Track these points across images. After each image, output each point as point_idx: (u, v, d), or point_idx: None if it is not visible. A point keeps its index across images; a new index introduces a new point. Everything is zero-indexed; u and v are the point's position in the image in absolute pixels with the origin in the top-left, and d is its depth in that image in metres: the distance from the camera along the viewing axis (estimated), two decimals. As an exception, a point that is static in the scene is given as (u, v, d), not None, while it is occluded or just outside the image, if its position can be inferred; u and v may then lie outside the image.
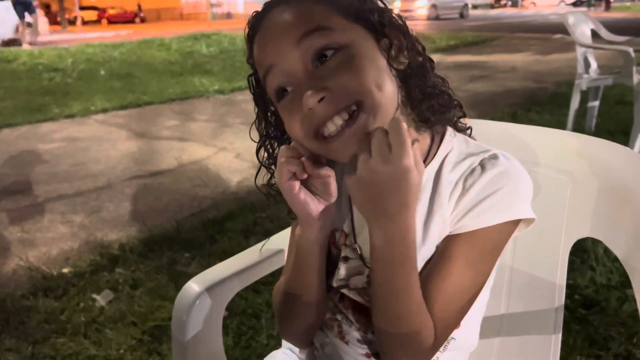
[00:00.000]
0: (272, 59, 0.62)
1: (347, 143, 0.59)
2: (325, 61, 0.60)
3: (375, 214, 0.58)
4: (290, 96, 0.62)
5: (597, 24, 3.65)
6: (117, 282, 2.07)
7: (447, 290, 0.63)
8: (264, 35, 0.63)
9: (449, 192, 0.65)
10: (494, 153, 0.66)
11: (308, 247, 0.67)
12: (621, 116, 4.08)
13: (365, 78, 0.59)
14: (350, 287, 0.70)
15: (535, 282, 0.82)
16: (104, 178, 3.34)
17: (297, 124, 0.61)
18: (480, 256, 0.64)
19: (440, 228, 0.65)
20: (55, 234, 2.56)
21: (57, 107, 5.48)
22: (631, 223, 0.70)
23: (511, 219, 0.63)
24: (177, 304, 0.83)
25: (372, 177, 0.56)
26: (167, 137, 4.38)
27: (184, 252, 2.28)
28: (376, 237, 0.60)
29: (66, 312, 1.89)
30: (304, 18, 0.61)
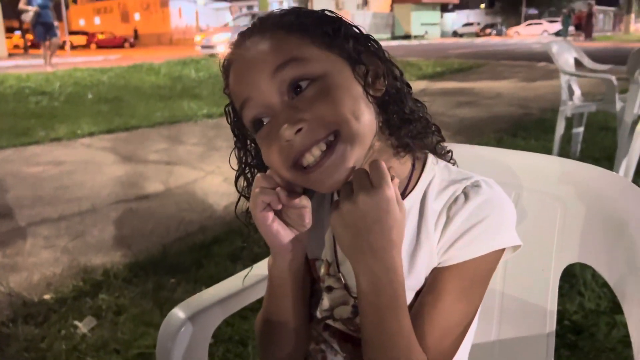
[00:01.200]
0: (248, 92, 0.62)
1: (326, 173, 0.59)
2: (300, 92, 0.60)
3: (360, 252, 0.57)
4: (267, 127, 0.62)
5: (580, 52, 3.74)
6: (100, 308, 2.02)
7: (440, 324, 0.62)
8: (239, 67, 0.63)
9: (434, 221, 0.64)
10: (476, 180, 0.66)
11: (281, 277, 0.66)
12: (605, 142, 4.15)
13: (341, 108, 0.59)
14: (335, 318, 0.68)
15: (526, 308, 0.81)
16: (88, 202, 3.30)
17: (275, 154, 0.61)
18: (471, 287, 0.64)
19: (428, 259, 0.64)
20: (38, 259, 2.51)
21: (43, 130, 5.43)
22: (621, 248, 0.70)
23: (498, 248, 0.63)
24: (162, 331, 0.81)
25: (355, 211, 0.56)
26: (154, 161, 4.35)
27: (169, 277, 2.24)
28: (363, 280, 0.58)
29: (47, 339, 1.84)
30: (277, 49, 0.60)
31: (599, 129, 4.63)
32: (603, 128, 4.64)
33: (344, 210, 0.57)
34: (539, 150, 3.35)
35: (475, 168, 0.86)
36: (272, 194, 0.62)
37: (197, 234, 2.73)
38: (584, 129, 3.85)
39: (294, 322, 0.69)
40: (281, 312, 0.68)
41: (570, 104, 3.53)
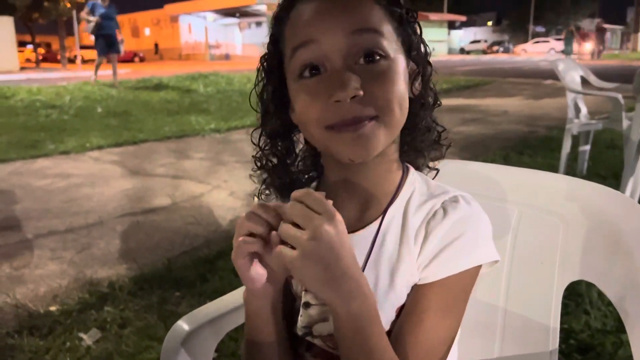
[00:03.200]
0: (316, 35, 0.59)
1: (359, 140, 0.59)
2: (369, 62, 0.59)
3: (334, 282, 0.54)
4: (318, 79, 0.59)
5: (586, 70, 3.75)
6: (105, 321, 2.02)
7: (424, 344, 0.61)
8: (315, 7, 0.60)
9: (414, 235, 0.64)
10: (454, 196, 0.66)
11: (257, 311, 0.65)
12: (612, 160, 4.13)
13: (395, 95, 0.60)
14: (314, 335, 0.67)
15: (529, 325, 0.81)
16: (95, 215, 3.32)
17: (316, 108, 0.59)
18: (452, 303, 0.64)
19: (409, 273, 0.64)
20: (44, 271, 2.52)
21: (52, 143, 5.49)
22: (623, 266, 0.71)
23: (478, 263, 0.63)
24: (166, 343, 0.82)
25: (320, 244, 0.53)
26: (161, 175, 4.38)
27: (174, 291, 2.24)
28: (338, 311, 0.56)
29: (51, 351, 1.84)
30: (364, 13, 0.59)
31: (605, 147, 4.62)
32: (610, 146, 4.63)
33: (308, 250, 0.53)
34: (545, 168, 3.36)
35: (479, 185, 0.87)
36: (255, 242, 0.59)
37: (202, 248, 2.74)
38: (590, 147, 3.84)
39: (276, 347, 0.67)
40: (262, 339, 0.67)
41: (576, 121, 3.53)
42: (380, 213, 0.67)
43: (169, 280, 2.34)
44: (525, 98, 9.56)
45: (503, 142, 5.42)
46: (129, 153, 5.25)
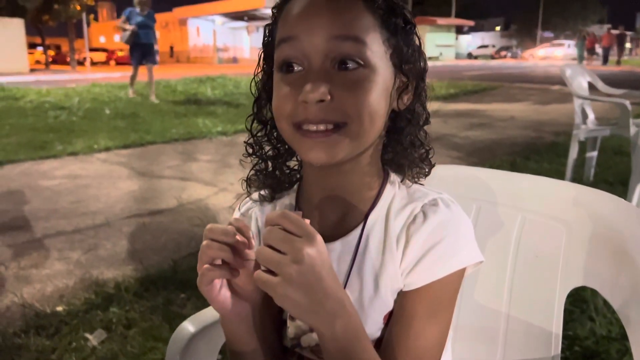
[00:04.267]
0: (299, 33, 0.59)
1: (318, 147, 0.59)
2: (344, 68, 0.58)
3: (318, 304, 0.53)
4: (295, 76, 0.59)
5: (593, 76, 3.74)
6: (110, 321, 2.04)
7: (415, 349, 0.61)
8: (305, 4, 0.60)
9: (396, 240, 0.64)
10: (434, 199, 0.65)
11: (234, 333, 0.64)
12: (620, 167, 4.11)
13: (365, 107, 0.58)
14: (303, 346, 0.66)
15: (531, 331, 0.82)
16: (102, 216, 3.34)
17: (288, 105, 0.60)
18: (440, 307, 0.63)
19: (392, 278, 0.63)
20: (51, 271, 2.54)
21: (60, 145, 5.53)
22: (626, 273, 0.71)
23: (462, 266, 0.63)
24: (171, 344, 0.83)
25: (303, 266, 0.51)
26: (168, 177, 4.41)
27: (179, 293, 2.25)
28: (325, 335, 0.55)
29: (57, 351, 1.85)
30: (349, 18, 0.58)
31: (613, 153, 4.60)
32: (617, 152, 4.61)
33: (291, 274, 0.51)
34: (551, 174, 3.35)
35: (481, 190, 0.88)
36: (220, 270, 0.58)
37: (208, 250, 2.74)
38: (597, 153, 3.83)
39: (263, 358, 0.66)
40: (247, 355, 0.66)
41: (583, 127, 3.52)
42: (362, 219, 0.66)
43: (175, 282, 2.35)
44: (532, 103, 9.54)
45: (510, 147, 5.41)
46: (136, 155, 5.28)
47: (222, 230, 0.58)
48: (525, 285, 0.83)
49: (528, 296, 0.83)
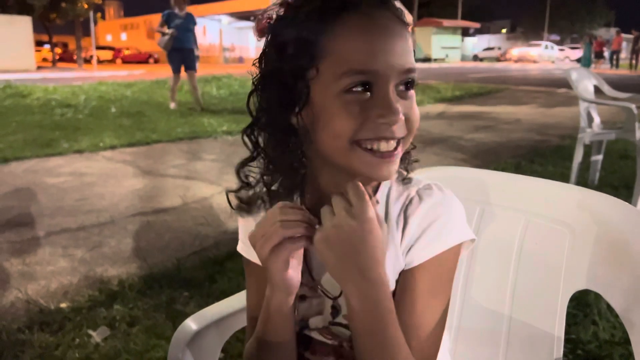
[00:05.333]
0: (378, 67, 0.61)
1: (387, 165, 0.64)
2: (405, 91, 0.65)
3: (347, 273, 0.59)
4: (365, 97, 0.62)
5: (599, 80, 3.73)
6: (114, 318, 2.04)
7: (419, 325, 0.65)
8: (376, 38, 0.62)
9: (395, 222, 0.68)
10: (427, 184, 0.71)
11: (281, 307, 0.67)
12: (625, 170, 4.10)
13: (418, 120, 0.67)
14: (311, 328, 0.71)
15: (533, 333, 0.82)
16: (107, 214, 3.36)
17: (356, 123, 0.62)
18: (439, 283, 0.67)
19: (394, 259, 0.67)
20: (56, 268, 2.56)
21: (66, 142, 5.56)
22: (629, 277, 0.71)
23: (456, 243, 0.67)
24: (174, 341, 0.83)
25: (339, 232, 0.57)
26: (173, 175, 4.42)
27: (183, 291, 2.26)
28: (353, 300, 0.60)
29: (61, 347, 1.86)
30: (409, 51, 0.65)
31: (619, 157, 4.59)
32: (623, 156, 4.59)
33: (329, 234, 0.58)
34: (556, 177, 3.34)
35: (484, 192, 0.88)
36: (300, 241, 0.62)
37: (212, 249, 2.76)
38: (603, 157, 3.82)
39: (290, 345, 0.70)
40: (279, 337, 0.69)
41: (589, 131, 3.51)
42: None
43: (178, 280, 2.36)
44: (538, 106, 9.51)
45: (514, 150, 5.40)
46: (141, 153, 5.30)
47: (294, 211, 0.63)
48: (528, 288, 0.83)
49: (531, 299, 0.83)
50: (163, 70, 21.99)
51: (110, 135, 5.98)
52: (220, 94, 10.58)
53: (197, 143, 5.87)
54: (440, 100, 10.41)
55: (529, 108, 9.27)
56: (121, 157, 5.09)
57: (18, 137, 5.83)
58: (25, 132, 6.19)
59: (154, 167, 4.70)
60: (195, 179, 4.28)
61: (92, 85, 11.83)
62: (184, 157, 5.12)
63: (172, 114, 7.87)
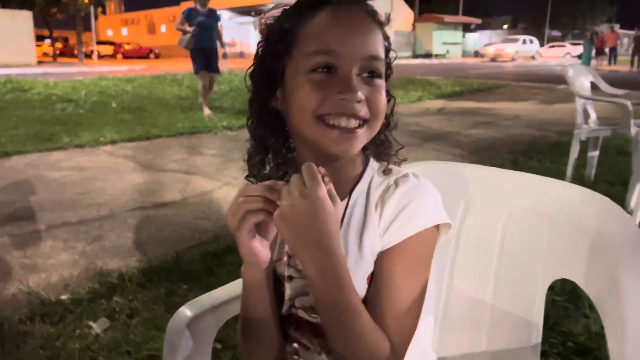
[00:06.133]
0: (340, 49, 0.69)
1: (346, 140, 0.70)
2: (371, 77, 0.72)
3: (304, 244, 0.64)
4: (329, 76, 0.69)
5: (596, 76, 3.75)
6: (114, 310, 2.08)
7: (395, 303, 0.69)
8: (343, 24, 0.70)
9: (374, 206, 0.73)
10: (405, 173, 0.76)
11: (254, 279, 0.73)
12: (622, 166, 4.12)
13: (383, 109, 0.74)
14: (297, 307, 0.75)
15: (514, 321, 0.85)
16: (108, 208, 3.39)
17: (318, 98, 0.69)
18: (414, 263, 0.71)
19: (372, 240, 0.72)
20: (57, 261, 2.59)
21: (67, 137, 5.59)
22: (603, 266, 0.74)
23: (429, 225, 0.71)
24: (170, 327, 0.87)
25: (293, 211, 0.63)
26: (173, 170, 4.45)
27: (182, 284, 2.29)
28: (308, 269, 0.65)
29: (62, 338, 1.90)
30: (375, 42, 0.72)
31: (616, 153, 4.61)
32: (620, 152, 4.62)
33: (285, 212, 0.63)
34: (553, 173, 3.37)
35: (468, 186, 0.91)
36: (259, 214, 0.67)
37: (211, 243, 2.79)
38: (599, 152, 3.84)
39: (270, 321, 0.75)
40: (257, 312, 0.75)
41: (585, 127, 3.53)
42: (348, 193, 0.77)
43: (177, 273, 2.39)
44: (537, 102, 9.53)
45: (513, 146, 5.43)
46: (142, 148, 5.33)
47: (255, 188, 0.69)
48: (509, 277, 0.87)
49: (512, 287, 0.86)
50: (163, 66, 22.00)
51: (111, 130, 6.01)
52: (221, 89, 10.59)
53: (197, 138, 5.90)
54: (440, 96, 10.43)
55: (528, 104, 9.29)
56: (122, 152, 5.12)
57: (19, 132, 5.86)
58: (27, 126, 6.22)
59: (154, 162, 4.73)
60: (195, 173, 4.32)
61: (92, 80, 11.84)
62: (184, 152, 5.15)
63: (172, 109, 7.89)
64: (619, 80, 5.57)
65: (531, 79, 15.42)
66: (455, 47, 41.61)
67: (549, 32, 50.34)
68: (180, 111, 7.66)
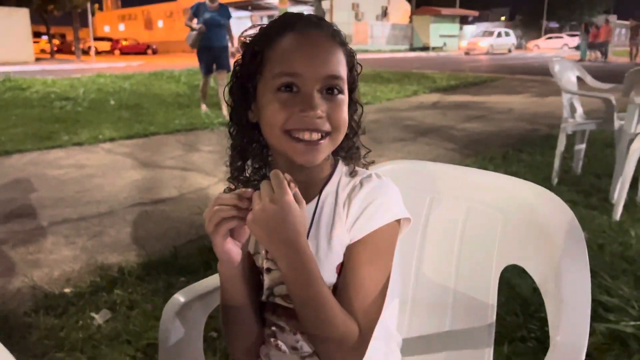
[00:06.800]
0: (301, 71, 0.77)
1: (310, 152, 0.79)
2: (331, 94, 0.79)
3: (275, 244, 0.73)
4: (293, 94, 0.78)
5: (582, 71, 3.84)
6: (114, 302, 2.17)
7: (359, 290, 0.78)
8: (303, 48, 0.79)
9: (342, 204, 0.83)
10: (370, 174, 0.85)
11: (230, 274, 0.81)
12: (609, 159, 4.21)
13: (344, 122, 0.81)
14: (275, 295, 0.84)
15: (472, 303, 0.95)
16: (107, 204, 3.49)
17: (284, 115, 0.77)
18: (377, 254, 0.80)
19: (341, 234, 0.81)
20: (59, 256, 2.69)
21: (66, 135, 5.67)
22: (546, 253, 0.84)
23: (391, 220, 0.80)
24: (164, 313, 0.96)
25: (264, 214, 0.72)
26: (170, 167, 4.54)
27: (179, 277, 2.39)
28: (281, 264, 0.74)
29: (65, 329, 1.99)
30: (336, 62, 0.80)
31: (604, 145, 4.70)
32: (608, 145, 4.70)
33: (257, 216, 0.72)
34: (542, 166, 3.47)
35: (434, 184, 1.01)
36: (232, 220, 0.75)
37: (207, 237, 2.82)
38: (587, 146, 3.94)
39: (247, 309, 0.84)
40: (235, 303, 0.83)
41: (571, 121, 3.62)
42: (317, 193, 0.86)
43: (175, 267, 2.49)
44: (532, 96, 9.61)
45: (504, 139, 5.52)
46: (139, 145, 5.42)
47: (228, 197, 0.76)
48: (469, 264, 0.97)
49: (471, 273, 0.96)
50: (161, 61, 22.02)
51: (109, 128, 6.09)
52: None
53: (194, 135, 5.98)
54: (435, 90, 10.51)
55: (522, 97, 9.37)
56: (120, 149, 5.21)
57: (19, 130, 5.94)
58: (26, 125, 6.30)
59: (152, 159, 4.82)
60: (192, 170, 4.41)
61: (90, 78, 11.91)
62: (181, 149, 5.24)
63: (170, 106, 7.96)
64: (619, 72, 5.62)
65: (527, 71, 15.49)
66: (452, 40, 41.54)
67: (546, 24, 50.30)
68: (178, 108, 7.74)
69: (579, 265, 0.78)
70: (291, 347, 0.84)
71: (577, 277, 0.77)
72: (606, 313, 1.99)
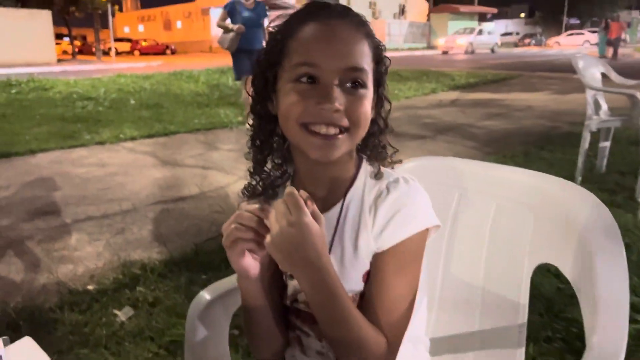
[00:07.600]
0: (321, 62, 0.74)
1: (327, 146, 0.75)
2: (353, 88, 0.75)
3: (296, 266, 0.71)
4: (312, 86, 0.74)
5: (607, 67, 3.76)
6: (137, 299, 2.20)
7: (387, 300, 0.76)
8: (324, 36, 0.75)
9: (368, 210, 0.79)
10: (396, 178, 0.80)
11: (249, 288, 0.80)
12: (634, 156, 4.12)
13: (365, 117, 0.76)
14: (299, 301, 0.83)
15: (502, 303, 0.93)
16: (129, 202, 3.52)
17: (301, 107, 0.74)
18: (406, 265, 0.78)
19: (367, 241, 0.78)
20: (82, 253, 2.73)
21: (88, 134, 5.76)
22: (578, 251, 0.82)
23: (420, 229, 0.77)
24: (190, 310, 0.97)
25: (282, 238, 0.69)
26: (190, 165, 4.58)
27: (201, 274, 2.40)
28: (303, 285, 0.73)
29: (89, 325, 2.02)
30: (358, 54, 0.75)
31: (629, 143, 4.60)
32: (633, 143, 4.60)
33: (275, 240, 0.70)
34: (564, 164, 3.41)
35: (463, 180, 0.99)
36: (249, 243, 0.74)
37: (228, 235, 2.89)
38: (612, 143, 3.86)
39: (269, 319, 0.83)
40: (256, 314, 0.82)
41: (595, 118, 3.55)
42: (342, 196, 0.82)
43: (196, 264, 2.50)
44: (551, 93, 9.47)
45: (525, 137, 5.45)
46: (160, 144, 5.47)
47: (248, 217, 0.74)
48: (498, 262, 0.95)
49: (500, 272, 0.94)
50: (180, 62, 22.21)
51: (130, 127, 6.16)
52: (236, 85, 10.70)
53: (213, 134, 6.01)
54: (454, 87, 10.42)
55: (542, 95, 9.24)
56: (141, 148, 5.26)
57: (43, 129, 6.04)
58: (49, 124, 6.41)
59: (173, 157, 4.86)
60: (212, 168, 4.43)
61: (111, 78, 12.05)
62: (201, 148, 5.27)
63: (189, 105, 8.02)
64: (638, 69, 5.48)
65: (547, 68, 15.27)
66: (471, 38, 41.05)
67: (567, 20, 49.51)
68: (197, 107, 7.79)
69: (615, 264, 0.76)
70: (316, 351, 0.83)
71: (614, 275, 0.75)
72: (634, 314, 1.95)
